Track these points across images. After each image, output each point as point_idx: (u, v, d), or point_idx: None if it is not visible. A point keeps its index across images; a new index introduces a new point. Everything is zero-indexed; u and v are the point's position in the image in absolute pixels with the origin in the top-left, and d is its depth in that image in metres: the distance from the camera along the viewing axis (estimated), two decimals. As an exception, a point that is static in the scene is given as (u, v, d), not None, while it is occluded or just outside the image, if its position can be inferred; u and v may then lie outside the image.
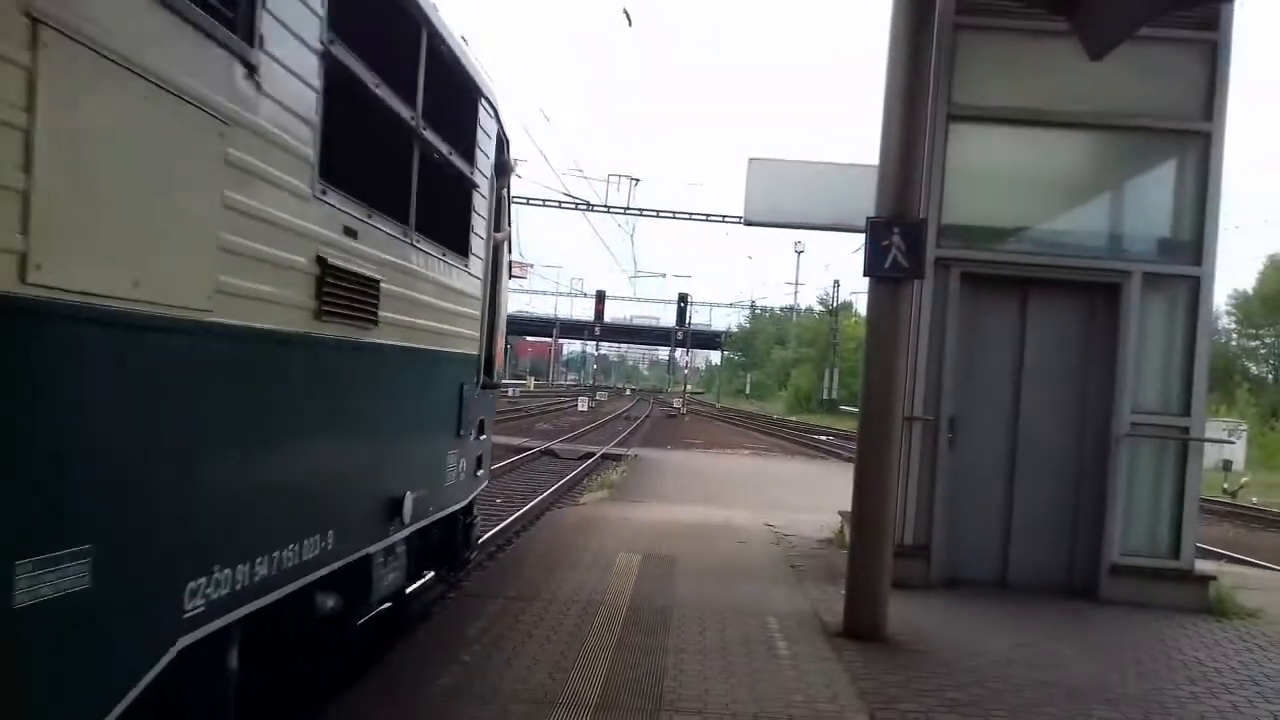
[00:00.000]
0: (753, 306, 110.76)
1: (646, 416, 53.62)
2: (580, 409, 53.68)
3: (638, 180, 37.11)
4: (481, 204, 7.40)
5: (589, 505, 14.39)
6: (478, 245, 7.33)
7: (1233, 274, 72.64)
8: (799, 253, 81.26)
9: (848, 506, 8.06)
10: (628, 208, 35.88)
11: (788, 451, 32.66)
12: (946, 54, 9.01)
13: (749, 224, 14.90)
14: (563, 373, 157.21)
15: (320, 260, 4.35)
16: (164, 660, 3.25)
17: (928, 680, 6.27)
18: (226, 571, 3.67)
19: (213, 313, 3.44)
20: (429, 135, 5.97)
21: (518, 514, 13.71)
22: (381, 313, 5.09)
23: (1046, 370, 9.41)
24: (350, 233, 4.74)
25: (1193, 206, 9.25)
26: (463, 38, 6.74)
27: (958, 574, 9.23)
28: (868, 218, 7.37)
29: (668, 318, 68.60)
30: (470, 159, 7.00)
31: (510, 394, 55.37)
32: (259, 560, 3.95)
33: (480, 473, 8.28)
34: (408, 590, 6.71)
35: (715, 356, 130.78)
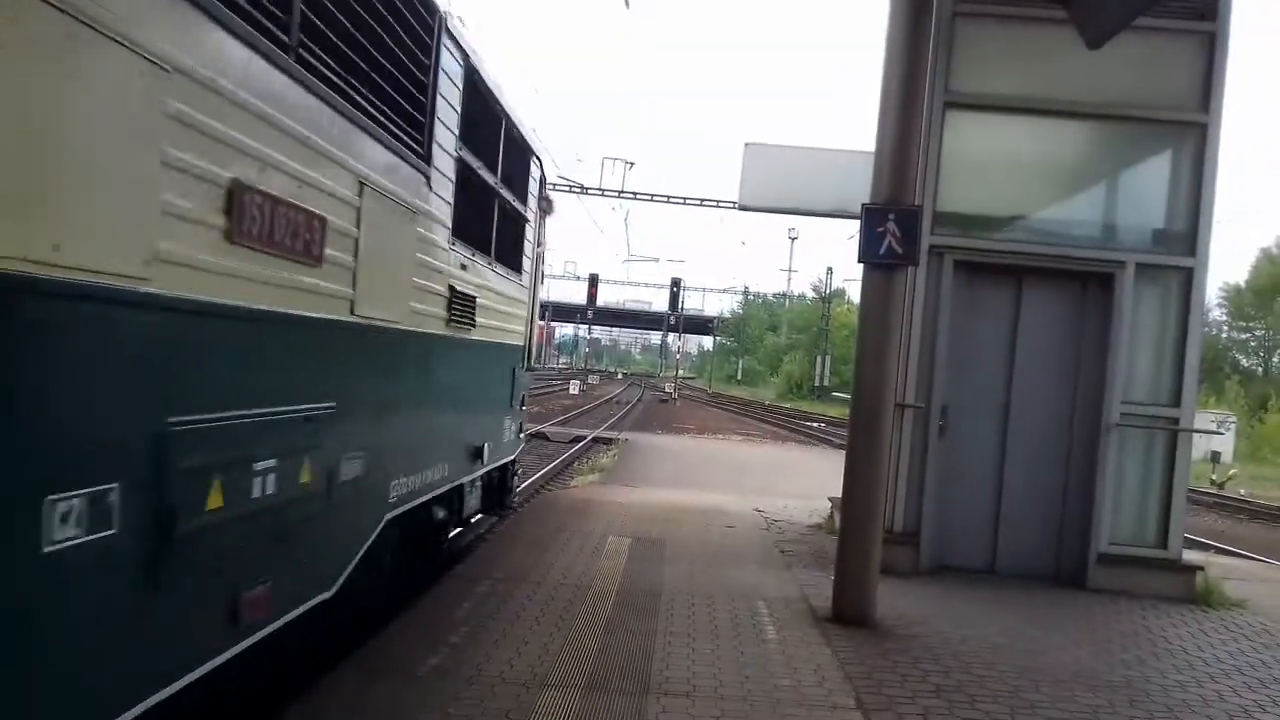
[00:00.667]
0: (746, 292, 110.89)
1: (638, 401, 53.70)
2: (572, 392, 53.71)
3: (633, 164, 36.96)
4: (529, 231, 9.96)
5: (580, 488, 14.40)
6: (526, 262, 9.86)
7: (1225, 266, 72.90)
8: (793, 239, 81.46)
9: (838, 493, 8.08)
10: (622, 191, 35.76)
11: (779, 438, 32.71)
12: (944, 41, 9.00)
13: (744, 209, 14.88)
14: (554, 356, 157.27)
15: (450, 288, 6.75)
16: (381, 525, 5.76)
17: (914, 666, 6.30)
18: (403, 483, 6.13)
19: (401, 323, 5.75)
20: (504, 192, 8.51)
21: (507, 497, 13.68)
22: (477, 319, 7.54)
23: (1038, 359, 9.43)
24: (463, 267, 7.12)
25: (1187, 198, 9.25)
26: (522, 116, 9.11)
27: (946, 561, 9.27)
28: (863, 204, 7.35)
29: (660, 302, 68.52)
30: (524, 201, 9.55)
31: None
32: (416, 478, 6.42)
33: (521, 435, 10.78)
34: (473, 519, 9.56)
35: (708, 342, 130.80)
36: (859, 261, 7.40)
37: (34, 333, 2.64)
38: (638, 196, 36.21)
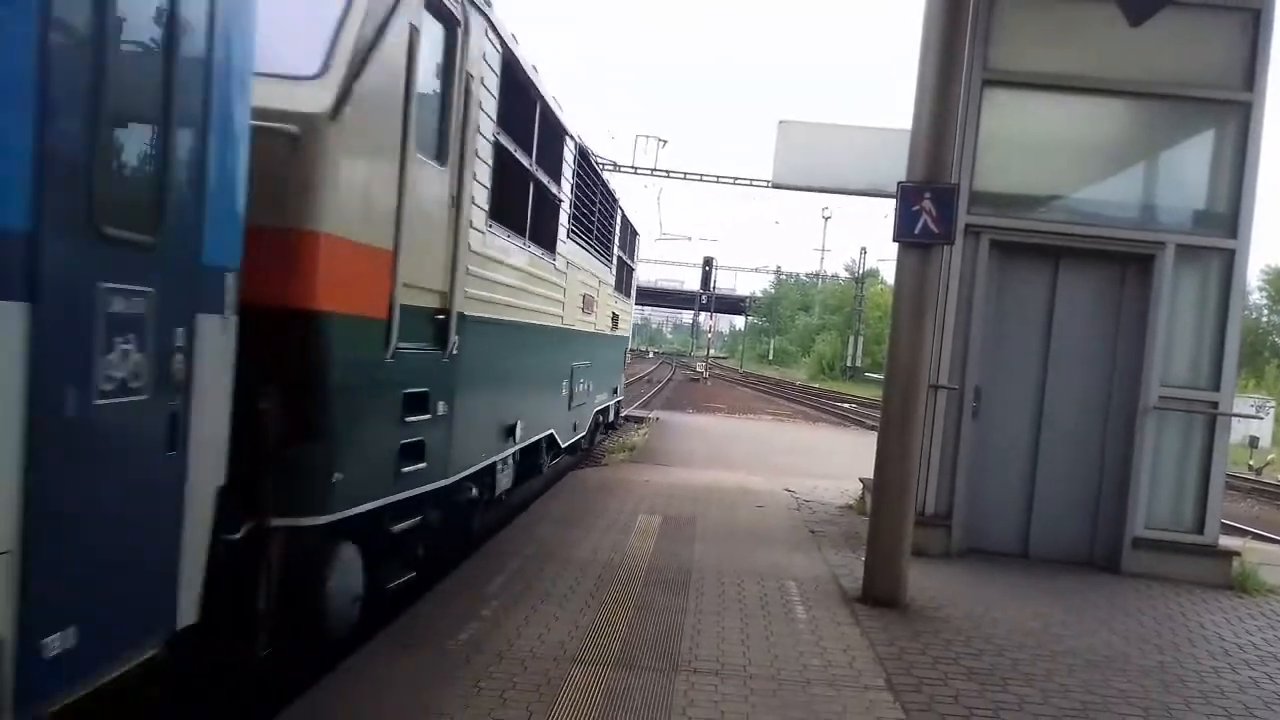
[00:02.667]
0: (778, 272, 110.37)
1: (669, 380, 53.64)
2: (603, 371, 53.59)
3: (666, 141, 36.84)
4: (633, 276, 18.76)
5: (610, 467, 14.41)
6: (632, 292, 18.45)
7: (1267, 248, 71.70)
8: (826, 218, 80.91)
9: (869, 474, 8.05)
10: (654, 169, 35.65)
11: (810, 418, 32.59)
12: (983, 17, 8.87)
13: (777, 187, 14.76)
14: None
15: (613, 313, 14.38)
16: (595, 412, 13.97)
17: (945, 648, 6.27)
18: (599, 398, 14.43)
19: (567, 322, 10.93)
20: (627, 260, 16.66)
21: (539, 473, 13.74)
22: (619, 325, 15.32)
23: (1075, 341, 9.32)
24: (616, 301, 14.62)
25: (1230, 178, 9.09)
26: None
27: (979, 544, 9.21)
28: (899, 182, 7.28)
29: (692, 281, 68.34)
30: (634, 259, 18.08)
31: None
32: (601, 396, 14.61)
33: (622, 385, 18.85)
34: (592, 442, 15.31)
35: (739, 321, 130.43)
36: (894, 240, 7.33)
37: (480, 336, 7.06)
38: (670, 175, 36.12)
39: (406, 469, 5.86)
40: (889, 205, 7.57)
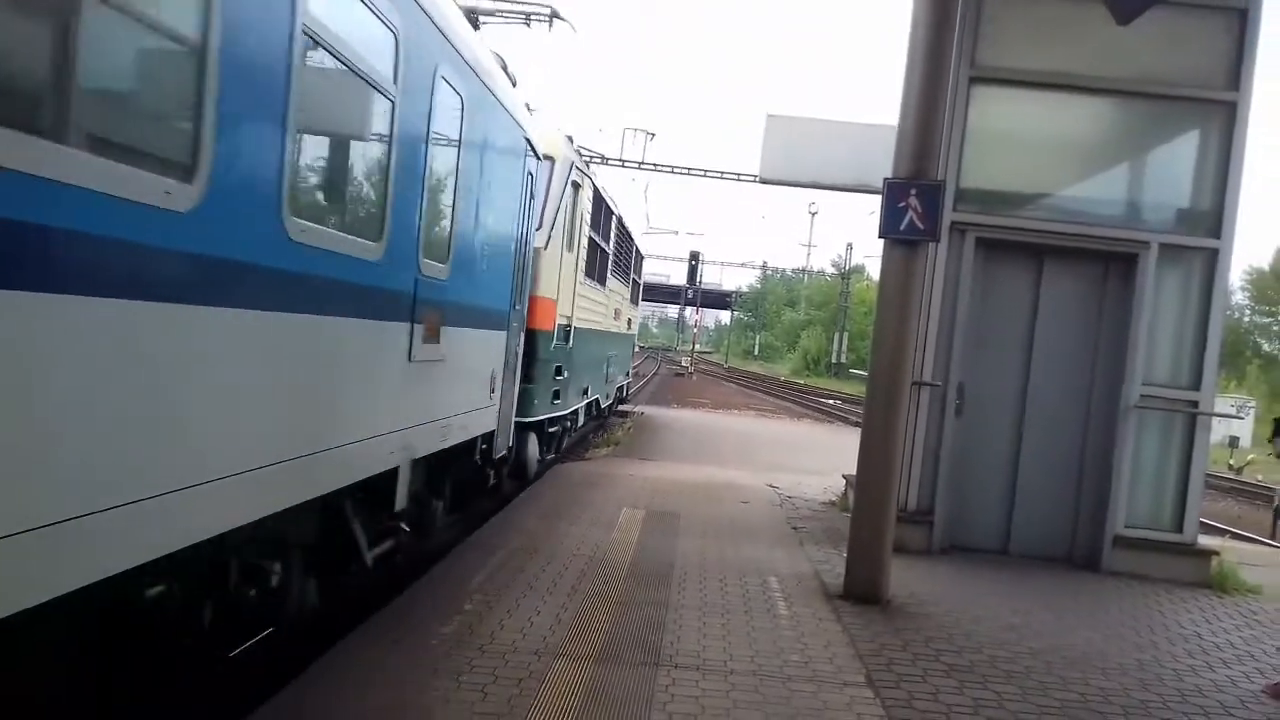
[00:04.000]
0: (764, 267, 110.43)
1: (654, 374, 53.66)
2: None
3: (653, 135, 36.70)
4: (639, 270, 24.08)
5: (595, 461, 14.41)
6: (640, 300, 25.12)
7: (1249, 249, 72.10)
8: (813, 214, 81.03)
9: (852, 470, 8.05)
10: (642, 163, 35.55)
11: (794, 414, 32.65)
12: (971, 14, 8.89)
13: (764, 182, 14.83)
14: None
15: (628, 319, 21.41)
16: (617, 385, 21.21)
17: (926, 645, 6.29)
18: (620, 379, 21.76)
19: (605, 326, 17.10)
20: (636, 279, 23.10)
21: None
22: (631, 325, 22.59)
23: (1058, 339, 9.35)
24: (634, 308, 23.09)
25: (1214, 178, 9.13)
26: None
27: (960, 541, 9.24)
28: (885, 178, 7.28)
29: (679, 275, 68.27)
30: (640, 275, 24.40)
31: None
32: (621, 377, 21.83)
33: (632, 369, 26.21)
34: (610, 410, 20.86)
35: (725, 316, 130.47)
36: (880, 236, 7.33)
37: (579, 337, 13.48)
38: (658, 168, 35.99)
39: (555, 402, 12.18)
40: (875, 201, 7.57)
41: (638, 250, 23.26)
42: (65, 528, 2.92)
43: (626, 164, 34.61)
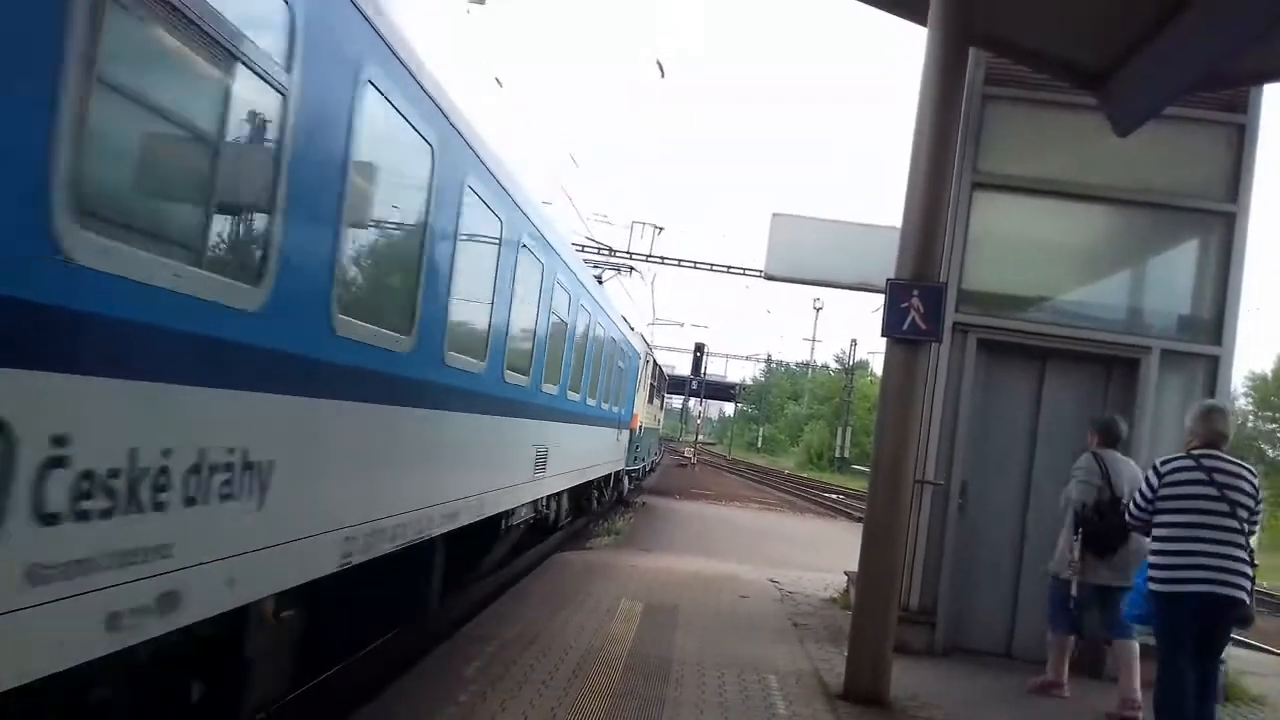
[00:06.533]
0: (768, 360, 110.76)
1: (657, 464, 53.46)
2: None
3: (661, 228, 37.20)
4: (663, 384, 38.90)
5: (595, 551, 14.32)
6: (658, 403, 36.25)
7: (1251, 355, 72.28)
8: (817, 309, 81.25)
9: (854, 566, 8.01)
10: (649, 255, 36.00)
11: (797, 508, 32.46)
12: (974, 122, 9.09)
13: (770, 278, 14.96)
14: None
15: (656, 417, 35.32)
16: (640, 466, 28.77)
17: (927, 749, 6.19)
18: (647, 455, 32.15)
19: (647, 424, 29.06)
20: (658, 387, 34.38)
21: (523, 555, 13.64)
22: (660, 421, 39.49)
23: (1061, 440, 9.35)
24: (660, 408, 38.60)
25: (1214, 286, 9.23)
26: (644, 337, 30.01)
27: (962, 642, 9.12)
28: (888, 279, 7.38)
29: (683, 366, 68.40)
30: (652, 382, 31.66)
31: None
32: (649, 456, 33.95)
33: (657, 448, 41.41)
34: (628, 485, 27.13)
35: (729, 408, 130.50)
36: (882, 335, 7.41)
37: (643, 431, 27.52)
38: (665, 261, 36.39)
39: (637, 458, 25.18)
40: (878, 298, 7.67)
41: (662, 371, 36.32)
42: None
43: (634, 256, 35.00)
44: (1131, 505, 6.57)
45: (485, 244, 7.25)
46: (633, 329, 21.89)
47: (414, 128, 5.39)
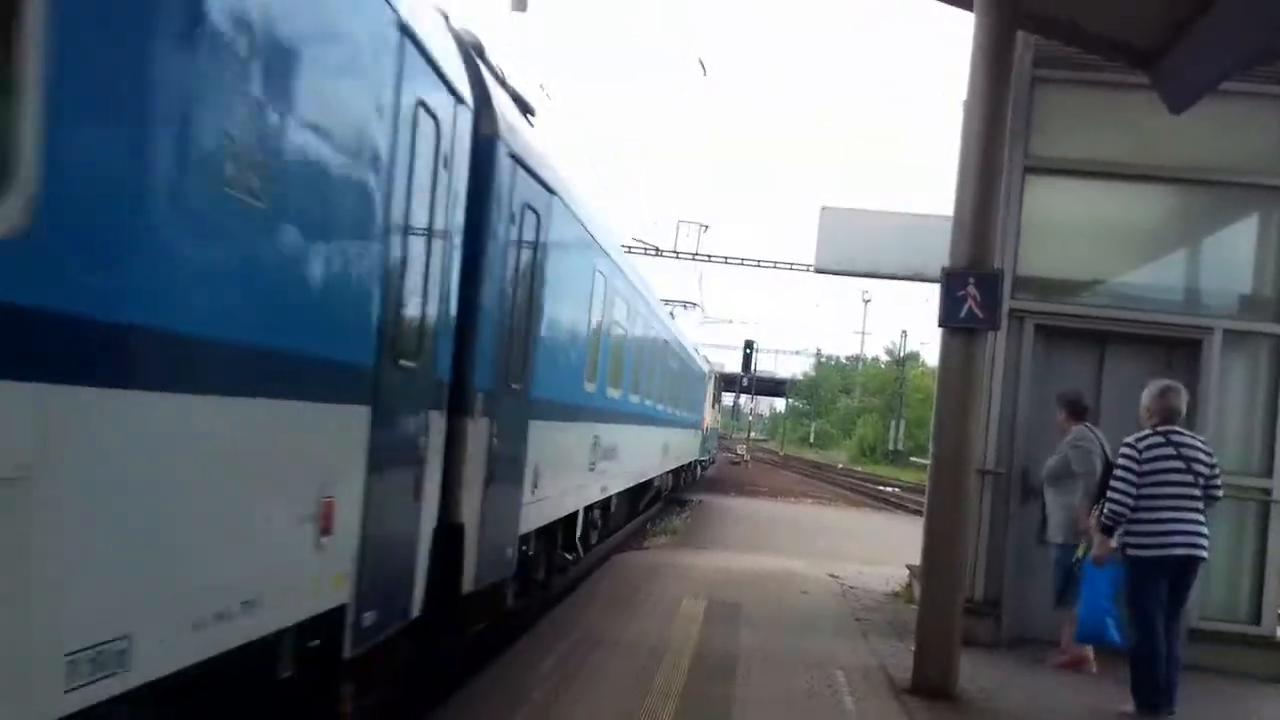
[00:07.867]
0: (819, 355, 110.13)
1: (710, 462, 53.41)
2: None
3: (707, 227, 37.30)
4: (719, 389, 48.08)
5: (653, 550, 14.37)
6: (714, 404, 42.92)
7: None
8: (866, 301, 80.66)
9: (913, 560, 7.98)
10: (696, 254, 36.06)
11: (852, 502, 32.28)
12: (1024, 106, 8.99)
13: (820, 272, 14.91)
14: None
15: (715, 416, 44.15)
16: (706, 457, 37.80)
17: (999, 740, 6.15)
18: (711, 450, 41.86)
19: (710, 426, 39.31)
20: (717, 392, 47.46)
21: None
22: (713, 419, 42.34)
23: (1122, 425, 9.20)
24: (717, 414, 49.96)
25: (1276, 263, 9.07)
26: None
27: (1029, 633, 9.02)
28: (943, 268, 7.34)
29: (733, 364, 68.21)
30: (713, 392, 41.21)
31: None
32: (714, 450, 44.58)
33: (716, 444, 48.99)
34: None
35: (780, 404, 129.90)
36: (939, 325, 7.36)
37: (710, 430, 40.57)
38: (711, 259, 36.49)
39: (705, 450, 34.83)
40: (929, 288, 7.63)
41: (718, 379, 42.27)
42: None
43: (680, 255, 35.03)
44: (1119, 482, 6.97)
45: (643, 333, 14.39)
46: (699, 353, 29.91)
47: (618, 293, 11.51)
